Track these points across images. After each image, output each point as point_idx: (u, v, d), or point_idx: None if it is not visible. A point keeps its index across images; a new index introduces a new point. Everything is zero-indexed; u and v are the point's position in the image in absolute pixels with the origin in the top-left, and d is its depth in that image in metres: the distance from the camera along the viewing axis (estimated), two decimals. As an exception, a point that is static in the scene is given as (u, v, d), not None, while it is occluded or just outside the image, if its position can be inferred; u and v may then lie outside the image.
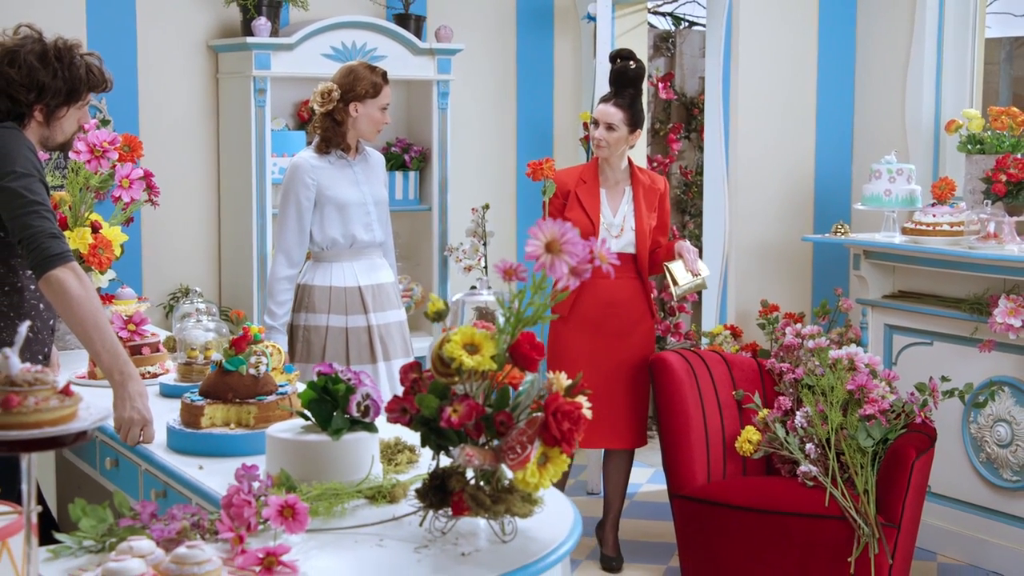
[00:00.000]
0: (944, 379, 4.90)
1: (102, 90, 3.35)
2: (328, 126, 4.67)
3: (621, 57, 5.09)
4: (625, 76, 5.05)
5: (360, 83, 4.63)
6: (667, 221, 5.17)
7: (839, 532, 4.56)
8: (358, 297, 4.68)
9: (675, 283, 4.96)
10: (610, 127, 5.00)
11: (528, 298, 2.31)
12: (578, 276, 2.24)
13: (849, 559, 4.53)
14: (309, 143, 4.86)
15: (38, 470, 2.07)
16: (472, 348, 2.31)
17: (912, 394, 4.75)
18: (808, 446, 4.70)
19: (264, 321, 4.65)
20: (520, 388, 2.37)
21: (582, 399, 2.35)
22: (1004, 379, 5.08)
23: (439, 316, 2.40)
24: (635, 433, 5.14)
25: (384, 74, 4.73)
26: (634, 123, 5.02)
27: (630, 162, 5.14)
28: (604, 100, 5.07)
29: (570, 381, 2.36)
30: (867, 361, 4.75)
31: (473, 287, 5.24)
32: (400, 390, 2.41)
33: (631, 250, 5.05)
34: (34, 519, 2.00)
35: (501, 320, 2.34)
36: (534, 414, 2.31)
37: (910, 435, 4.65)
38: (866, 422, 4.60)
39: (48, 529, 2.65)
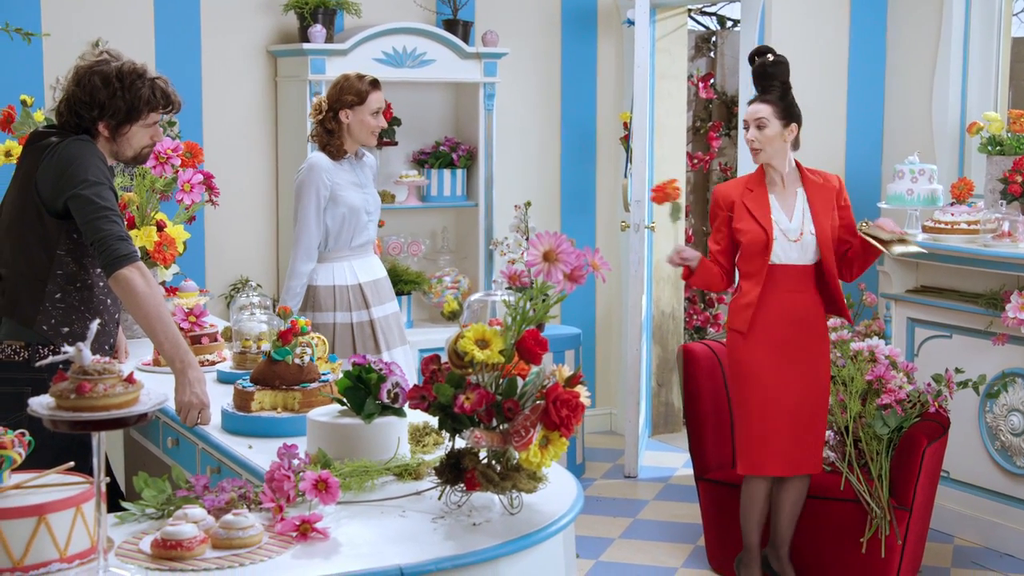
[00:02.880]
0: (958, 371, 5.15)
1: (168, 111, 3.64)
2: (321, 135, 4.88)
3: (758, 54, 4.76)
4: (765, 72, 4.72)
5: (346, 91, 4.82)
6: (852, 218, 4.76)
7: (854, 515, 4.82)
8: (360, 293, 4.91)
9: (885, 244, 4.58)
10: (760, 124, 4.65)
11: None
12: (574, 282, 2.55)
13: (861, 540, 4.80)
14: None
15: (108, 447, 2.41)
16: (483, 343, 2.63)
17: (928, 384, 5.01)
18: (827, 433, 4.98)
19: None
20: (527, 379, 2.68)
21: (581, 389, 2.66)
22: (1017, 371, 5.31)
23: (454, 315, 2.72)
24: (819, 457, 4.77)
25: (373, 81, 4.87)
26: (787, 116, 4.67)
27: (797, 164, 4.78)
28: (750, 101, 4.76)
29: (571, 373, 2.67)
30: (887, 353, 5.00)
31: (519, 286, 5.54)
32: (404, 378, 2.73)
33: (811, 260, 4.66)
34: (103, 489, 2.33)
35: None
36: (538, 402, 2.63)
37: (924, 423, 4.90)
38: (882, 411, 4.86)
39: (116, 498, 3.00)
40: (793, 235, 4.62)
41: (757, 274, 4.66)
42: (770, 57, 4.73)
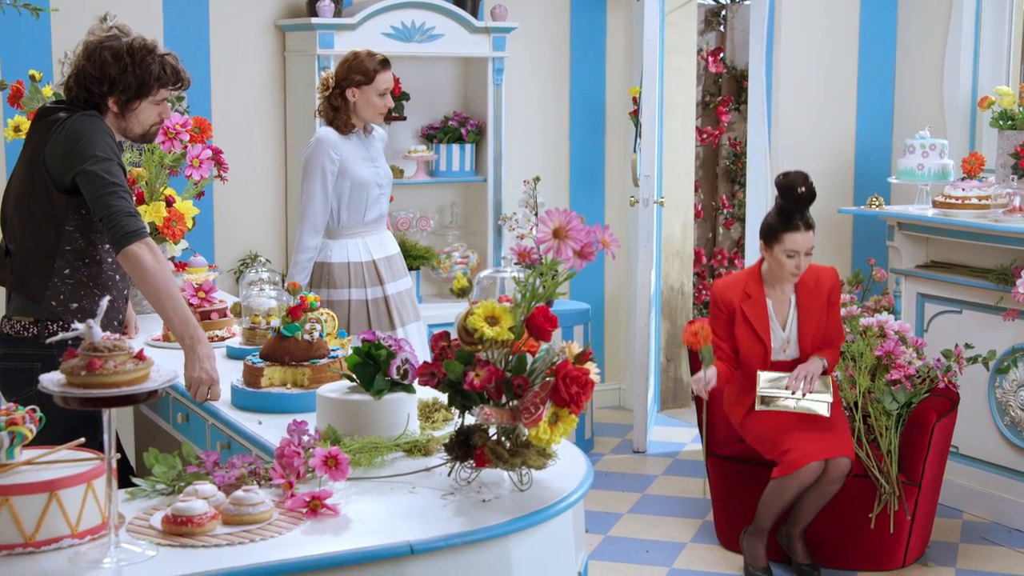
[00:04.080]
0: (968, 346, 5.14)
1: (178, 87, 3.63)
2: (327, 111, 4.88)
3: (798, 184, 4.74)
4: (802, 199, 4.74)
5: (355, 70, 4.81)
6: (836, 319, 4.86)
7: (863, 490, 4.83)
8: (374, 270, 4.92)
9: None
10: (809, 252, 4.75)
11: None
12: (584, 259, 2.55)
13: (870, 515, 4.80)
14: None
15: (118, 424, 2.42)
16: (493, 320, 2.63)
17: (938, 360, 5.00)
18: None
19: None
20: (536, 355, 2.68)
21: (591, 365, 2.66)
22: (1027, 347, 5.32)
23: (463, 292, 2.71)
24: (848, 444, 4.72)
25: (383, 60, 4.86)
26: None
27: None
28: (791, 229, 4.72)
29: (580, 349, 2.66)
30: (896, 328, 5.00)
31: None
32: (414, 354, 2.74)
33: (796, 355, 4.86)
34: (114, 465, 2.34)
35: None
36: (547, 378, 2.63)
37: (933, 399, 4.90)
38: (892, 387, 4.85)
39: (126, 474, 3.02)
40: (779, 345, 4.84)
41: (754, 382, 4.85)
42: (812, 187, 4.77)
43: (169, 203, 4.58)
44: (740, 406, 4.91)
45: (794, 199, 4.73)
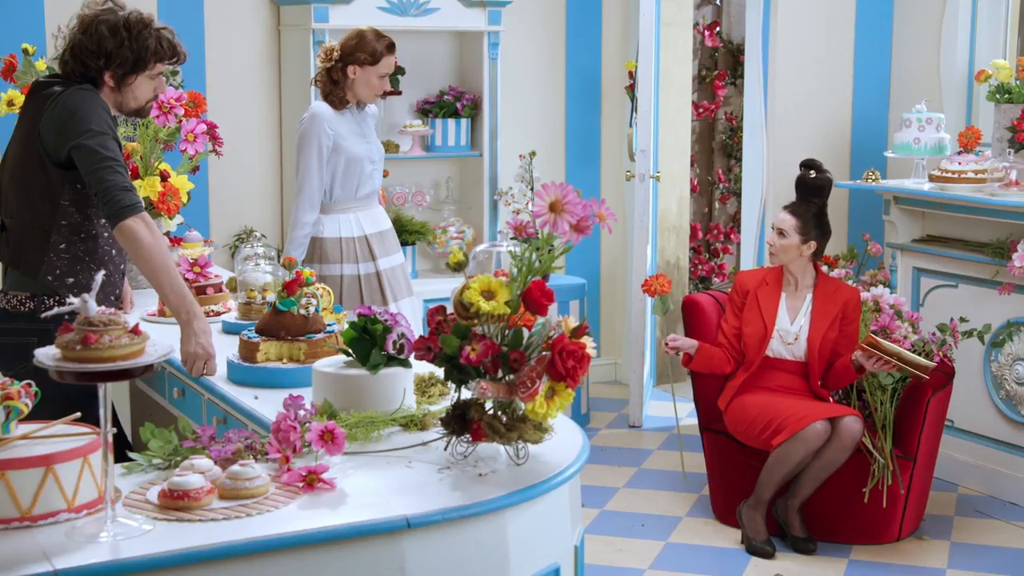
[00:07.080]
0: (963, 320, 5.15)
1: (173, 62, 3.61)
2: (326, 83, 4.87)
3: (805, 166, 5.02)
4: (804, 185, 4.98)
5: (361, 49, 4.81)
6: (856, 335, 4.91)
7: (857, 465, 4.83)
8: (366, 245, 4.92)
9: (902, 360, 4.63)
10: (781, 233, 4.90)
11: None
12: (580, 232, 2.54)
13: (864, 490, 4.81)
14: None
15: (114, 398, 2.41)
16: (489, 294, 2.62)
17: (933, 334, 5.01)
18: (831, 385, 4.99)
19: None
20: (532, 330, 2.68)
21: (587, 340, 2.66)
22: (1022, 320, 5.30)
23: (459, 267, 2.71)
24: (851, 409, 4.78)
25: (390, 44, 4.87)
26: (807, 233, 4.88)
27: (818, 272, 5.00)
28: (784, 207, 4.99)
29: (576, 324, 2.66)
30: (892, 302, 5.00)
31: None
32: (410, 329, 2.73)
33: (802, 358, 4.92)
34: (110, 439, 2.34)
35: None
36: (543, 353, 2.62)
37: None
38: (887, 361, 4.85)
39: (123, 449, 3.01)
40: (789, 337, 4.92)
41: (750, 364, 4.94)
42: (812, 174, 5.01)
43: (164, 178, 4.57)
44: (728, 390, 4.97)
45: (796, 178, 5.04)
